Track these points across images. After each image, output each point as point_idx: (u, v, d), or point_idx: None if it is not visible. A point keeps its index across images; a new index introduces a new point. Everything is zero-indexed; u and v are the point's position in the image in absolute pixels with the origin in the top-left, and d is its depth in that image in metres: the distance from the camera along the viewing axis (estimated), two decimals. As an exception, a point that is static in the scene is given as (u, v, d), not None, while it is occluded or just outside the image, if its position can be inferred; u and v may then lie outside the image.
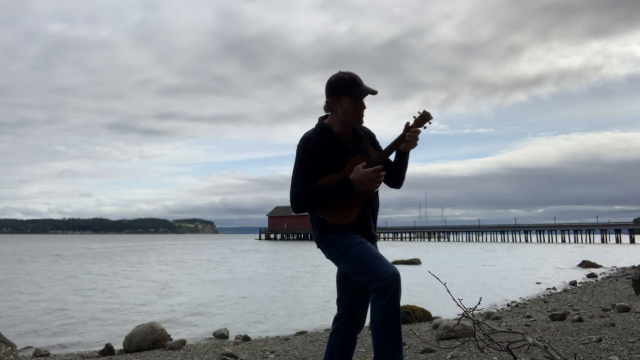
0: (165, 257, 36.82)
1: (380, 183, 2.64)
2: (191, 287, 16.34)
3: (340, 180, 2.57)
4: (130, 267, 26.25)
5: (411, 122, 2.66)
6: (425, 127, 2.66)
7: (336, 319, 2.80)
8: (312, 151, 2.62)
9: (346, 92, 2.62)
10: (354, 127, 2.75)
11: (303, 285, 16.62)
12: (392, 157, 2.76)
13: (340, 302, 2.81)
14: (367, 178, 2.55)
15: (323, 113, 2.77)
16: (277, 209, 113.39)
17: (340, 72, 2.67)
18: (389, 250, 43.33)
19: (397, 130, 2.71)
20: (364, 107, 2.68)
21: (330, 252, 2.67)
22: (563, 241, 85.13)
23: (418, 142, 2.67)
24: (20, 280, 18.99)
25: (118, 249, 55.49)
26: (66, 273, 22.30)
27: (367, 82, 2.67)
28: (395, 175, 2.77)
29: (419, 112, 2.65)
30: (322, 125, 2.71)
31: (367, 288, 2.54)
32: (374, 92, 2.63)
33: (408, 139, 2.64)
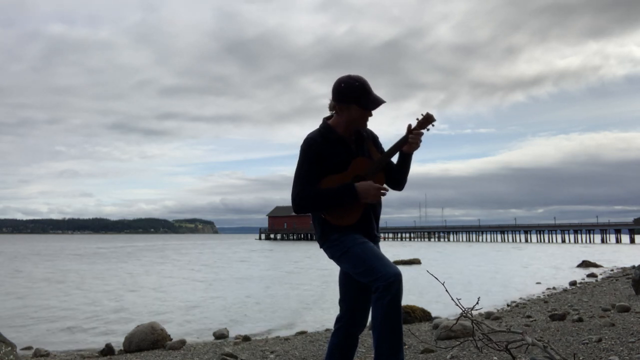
0: (164, 258, 36.82)
1: (380, 199, 2.64)
2: (191, 287, 16.34)
3: (345, 186, 2.57)
4: (131, 268, 26.25)
5: (414, 124, 2.66)
6: (428, 130, 2.67)
7: (338, 319, 2.80)
8: (315, 152, 2.62)
9: (356, 101, 2.60)
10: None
11: (303, 285, 16.61)
12: (394, 158, 2.77)
13: (342, 302, 2.81)
14: (370, 192, 2.55)
15: (324, 113, 2.77)
16: (277, 209, 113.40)
17: (350, 78, 2.61)
18: (389, 250, 43.33)
19: (396, 131, 2.72)
20: (370, 114, 2.67)
21: (333, 252, 2.67)
22: (563, 241, 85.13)
23: (421, 143, 2.68)
24: (20, 280, 19.00)
25: (125, 249, 55.48)
26: (69, 273, 22.31)
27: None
28: (398, 177, 2.78)
29: (422, 115, 2.65)
30: (325, 127, 2.71)
31: (369, 288, 2.54)
32: (383, 102, 2.63)
33: (411, 141, 2.64)
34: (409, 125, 2.66)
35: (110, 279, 19.48)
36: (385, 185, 2.63)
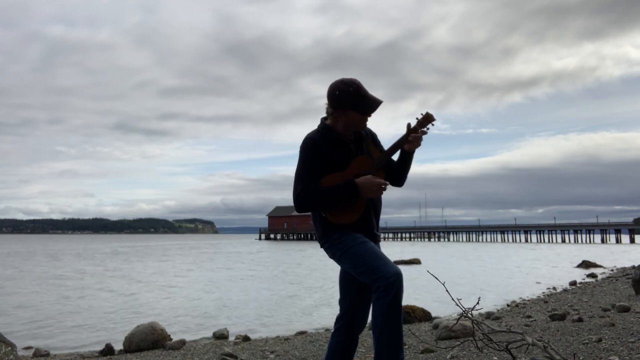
0: (161, 258, 36.81)
1: (382, 193, 2.65)
2: (191, 287, 16.33)
3: (346, 184, 2.57)
4: (129, 268, 26.24)
5: (414, 123, 2.67)
6: (428, 129, 2.68)
7: (338, 319, 2.81)
8: (314, 151, 2.63)
9: (352, 107, 2.61)
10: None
11: (303, 285, 16.61)
12: (394, 156, 2.77)
13: (342, 302, 2.81)
14: (371, 187, 2.55)
15: (323, 113, 2.77)
16: (277, 209, 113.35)
17: (343, 83, 2.60)
18: (389, 250, 43.30)
19: (395, 131, 2.74)
20: (369, 115, 2.68)
21: (333, 252, 2.68)
22: (563, 241, 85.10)
23: (422, 143, 2.68)
24: (21, 280, 19.00)
25: (125, 249, 55.47)
26: (69, 273, 22.30)
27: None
28: (398, 175, 2.78)
29: (421, 114, 2.67)
30: (324, 126, 2.71)
31: (370, 288, 2.54)
32: (380, 103, 2.63)
33: (412, 139, 2.65)
34: (409, 124, 2.67)
35: (115, 279, 19.47)
36: (386, 182, 2.62)
